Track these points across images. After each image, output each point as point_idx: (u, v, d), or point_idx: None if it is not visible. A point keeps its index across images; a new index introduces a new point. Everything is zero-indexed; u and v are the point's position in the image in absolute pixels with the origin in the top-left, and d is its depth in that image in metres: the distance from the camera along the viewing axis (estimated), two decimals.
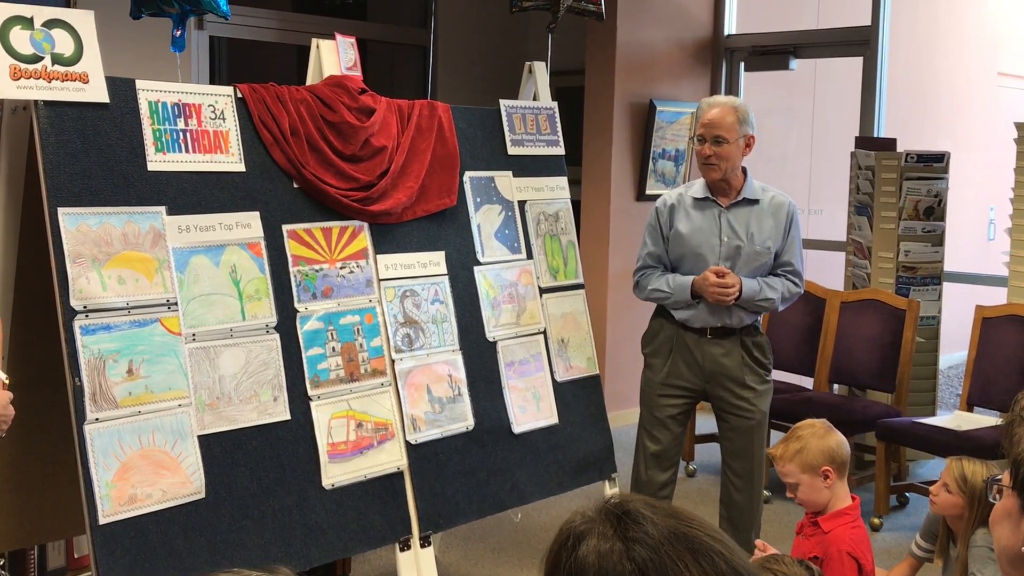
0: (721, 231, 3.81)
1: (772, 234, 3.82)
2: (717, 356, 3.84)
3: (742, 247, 3.79)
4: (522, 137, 3.90)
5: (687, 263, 3.85)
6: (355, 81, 3.39)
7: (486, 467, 3.57)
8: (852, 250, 5.89)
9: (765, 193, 3.87)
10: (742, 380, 3.86)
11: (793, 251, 3.88)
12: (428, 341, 3.48)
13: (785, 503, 5.14)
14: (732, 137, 3.74)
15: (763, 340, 3.93)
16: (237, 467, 2.94)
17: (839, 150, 6.54)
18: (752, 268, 3.81)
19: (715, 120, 3.75)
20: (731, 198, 3.84)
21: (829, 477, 3.01)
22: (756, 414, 3.88)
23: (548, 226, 3.96)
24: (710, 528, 1.08)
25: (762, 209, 3.83)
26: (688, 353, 3.87)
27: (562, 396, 3.86)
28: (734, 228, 3.81)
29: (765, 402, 3.92)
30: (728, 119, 3.75)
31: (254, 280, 3.06)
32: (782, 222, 3.84)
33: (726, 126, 3.74)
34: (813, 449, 3.03)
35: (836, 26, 6.73)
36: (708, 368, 3.86)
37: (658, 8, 6.69)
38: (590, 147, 6.62)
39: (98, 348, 2.70)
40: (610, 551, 1.04)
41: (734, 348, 3.85)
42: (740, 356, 3.86)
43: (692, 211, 3.85)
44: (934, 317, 5.62)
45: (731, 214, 3.82)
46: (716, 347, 3.84)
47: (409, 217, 3.48)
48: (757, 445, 3.92)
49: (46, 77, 2.70)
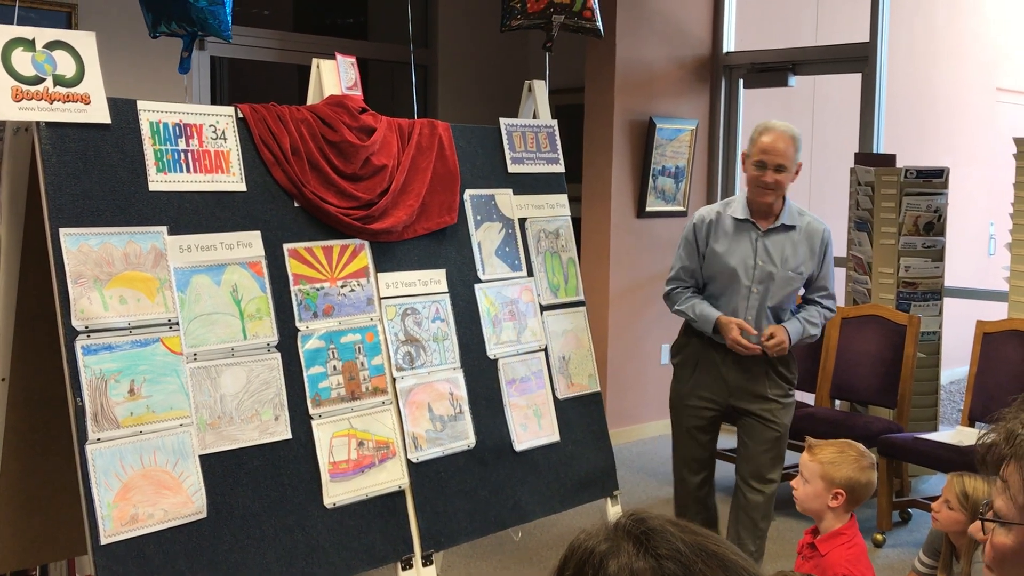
0: (756, 255, 3.92)
1: (805, 259, 3.94)
2: (741, 371, 3.97)
3: (775, 273, 3.91)
4: (522, 155, 3.91)
5: (719, 282, 3.98)
6: (355, 100, 3.40)
7: (488, 485, 3.56)
8: (852, 266, 5.89)
9: (802, 218, 3.98)
10: (765, 395, 3.99)
11: (828, 276, 4.02)
12: (429, 359, 3.48)
13: (788, 520, 5.13)
14: (791, 166, 3.89)
15: (789, 357, 4.03)
16: (239, 487, 2.94)
17: (838, 166, 6.55)
18: (784, 293, 3.95)
19: (779, 149, 3.87)
20: (770, 222, 3.95)
21: (838, 500, 3.00)
22: (780, 427, 4.01)
23: (549, 243, 3.97)
24: (731, 546, 1.07)
25: (798, 235, 3.95)
26: (714, 368, 4.01)
27: (563, 413, 3.86)
28: (769, 253, 3.92)
29: (787, 415, 4.05)
30: (790, 150, 3.89)
31: (255, 299, 3.07)
32: (816, 248, 3.96)
33: (788, 156, 3.88)
34: (845, 471, 3.01)
35: (835, 43, 6.75)
36: (732, 383, 4.00)
37: (657, 26, 6.71)
38: (590, 165, 6.63)
39: (100, 368, 2.70)
40: (643, 569, 1.02)
41: (758, 365, 3.97)
42: (765, 371, 3.98)
43: (730, 231, 3.97)
44: (935, 332, 5.62)
45: (768, 239, 3.94)
46: (740, 363, 3.97)
47: (410, 235, 3.49)
48: (775, 457, 4.03)
49: (48, 98, 2.71)
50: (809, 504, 3.05)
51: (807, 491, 3.04)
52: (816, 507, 3.04)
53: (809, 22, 7.88)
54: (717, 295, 4.00)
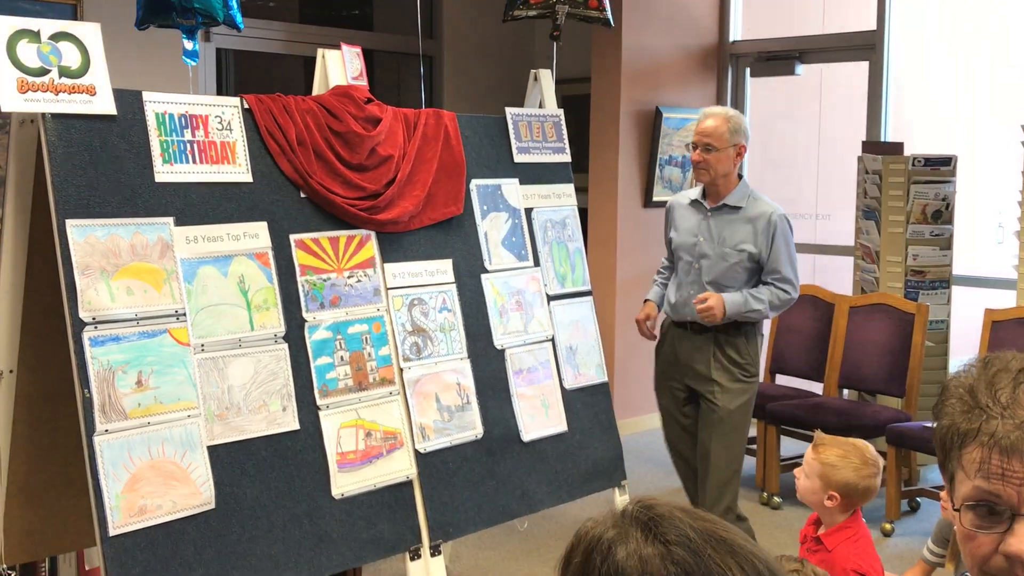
0: (699, 232, 4.17)
1: (746, 239, 4.08)
2: (691, 350, 4.18)
3: (711, 250, 4.13)
4: (528, 145, 3.91)
5: (677, 259, 4.29)
6: (361, 91, 3.40)
7: (495, 475, 3.56)
8: (860, 254, 5.88)
9: (754, 202, 4.13)
10: (708, 375, 4.13)
11: (780, 259, 4.09)
12: (436, 349, 3.48)
13: (795, 509, 5.13)
14: (721, 145, 4.05)
15: (740, 341, 4.14)
16: (246, 477, 2.94)
17: (846, 155, 6.53)
18: (721, 270, 4.11)
19: (707, 129, 4.08)
20: (716, 203, 4.16)
21: (833, 501, 2.98)
22: (719, 409, 4.11)
23: (555, 233, 3.96)
24: (740, 533, 1.06)
25: (741, 216, 4.11)
26: (672, 345, 4.26)
27: (571, 404, 3.86)
28: (711, 230, 4.14)
29: (733, 400, 4.13)
30: (720, 129, 4.06)
31: (262, 290, 3.07)
32: (761, 228, 4.07)
33: (715, 135, 4.06)
34: (843, 475, 2.97)
35: (842, 31, 6.72)
36: (683, 361, 4.21)
37: (663, 15, 6.69)
38: (597, 154, 6.62)
39: (107, 359, 2.70)
40: (652, 555, 1.01)
41: (706, 344, 4.14)
42: (711, 352, 4.13)
43: (685, 211, 4.26)
44: (943, 321, 5.61)
45: (712, 218, 4.15)
46: (691, 340, 4.18)
47: (416, 226, 3.48)
48: (715, 441, 4.12)
49: (53, 90, 2.71)
50: (807, 497, 3.05)
51: (806, 485, 3.04)
52: (813, 501, 3.04)
53: (816, 10, 7.85)
54: (676, 272, 4.31)
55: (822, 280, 6.23)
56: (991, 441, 1.23)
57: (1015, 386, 1.25)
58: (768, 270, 4.10)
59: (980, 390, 1.27)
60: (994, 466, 1.23)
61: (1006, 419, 1.23)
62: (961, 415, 1.28)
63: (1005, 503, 1.23)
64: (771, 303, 4.09)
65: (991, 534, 1.25)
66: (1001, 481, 1.22)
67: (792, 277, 4.13)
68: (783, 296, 4.12)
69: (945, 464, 1.32)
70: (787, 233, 4.12)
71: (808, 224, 7.65)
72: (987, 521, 1.25)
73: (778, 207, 4.13)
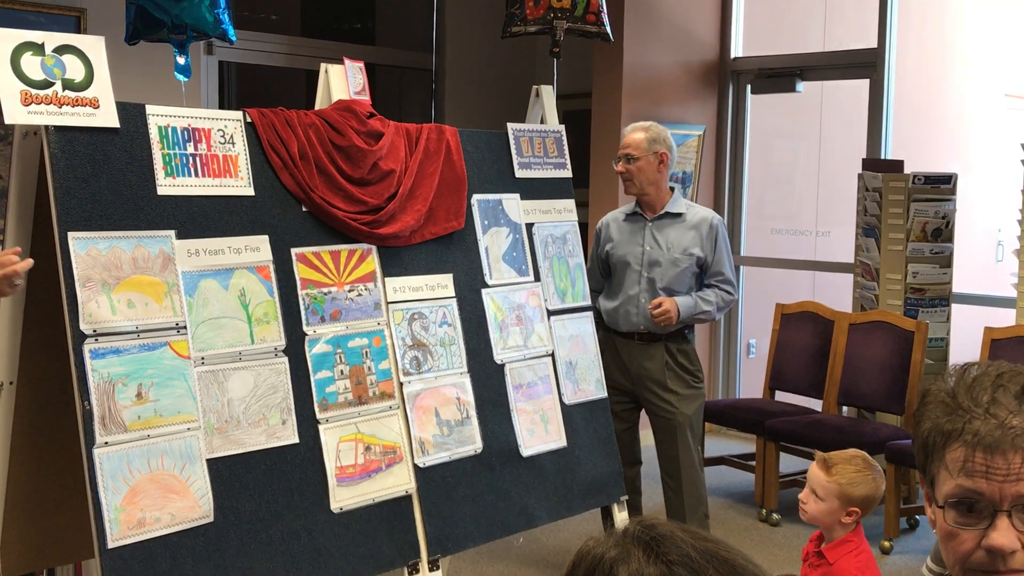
0: (644, 241, 4.28)
1: (693, 244, 4.23)
2: (642, 360, 4.28)
3: (662, 257, 4.24)
4: (529, 160, 3.91)
5: (617, 273, 4.33)
6: (363, 105, 3.41)
7: (495, 490, 3.56)
8: (860, 272, 5.88)
9: (690, 209, 4.32)
10: (664, 384, 4.26)
11: (722, 262, 4.28)
12: (436, 364, 3.48)
13: (794, 526, 5.12)
14: (640, 154, 4.21)
15: (689, 348, 4.32)
16: (246, 491, 2.94)
17: (846, 172, 6.54)
18: (673, 275, 4.23)
19: (626, 141, 4.27)
20: (656, 212, 4.29)
21: (852, 516, 2.99)
22: (678, 416, 4.24)
23: (556, 248, 3.97)
24: (741, 553, 1.06)
25: (684, 222, 4.27)
26: (617, 355, 4.32)
27: (570, 419, 3.85)
28: (656, 239, 4.27)
29: (690, 406, 4.27)
30: (637, 138, 4.24)
31: (263, 303, 3.07)
32: (704, 233, 4.25)
33: (634, 144, 4.23)
34: (864, 490, 2.99)
35: (843, 48, 6.74)
36: (634, 372, 4.30)
37: (664, 31, 6.71)
38: (597, 170, 6.63)
39: (107, 372, 2.71)
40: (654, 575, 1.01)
41: (658, 353, 4.27)
42: (664, 361, 4.26)
43: (622, 225, 4.37)
44: (943, 339, 5.61)
45: (654, 226, 4.29)
46: (641, 352, 4.28)
47: (417, 240, 3.49)
48: (682, 447, 4.24)
49: (57, 102, 2.72)
50: (821, 519, 3.03)
51: (820, 508, 3.02)
52: (828, 522, 3.03)
53: (817, 28, 7.87)
54: (614, 283, 4.34)
55: (822, 297, 6.23)
56: (974, 440, 1.30)
57: (995, 389, 1.33)
58: (711, 273, 4.28)
59: (961, 394, 1.34)
60: (977, 464, 1.29)
61: (988, 419, 1.30)
62: (943, 417, 1.34)
63: (987, 500, 1.29)
64: (718, 305, 4.27)
65: (973, 530, 1.31)
66: (984, 478, 1.29)
67: (732, 279, 4.33)
68: (727, 297, 4.30)
69: (926, 466, 1.39)
70: (726, 236, 4.33)
71: (808, 241, 7.66)
72: (969, 518, 1.31)
73: (715, 213, 4.36)
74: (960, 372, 1.38)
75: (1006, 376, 1.34)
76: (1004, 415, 1.30)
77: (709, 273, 4.29)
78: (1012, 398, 1.31)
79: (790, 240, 7.63)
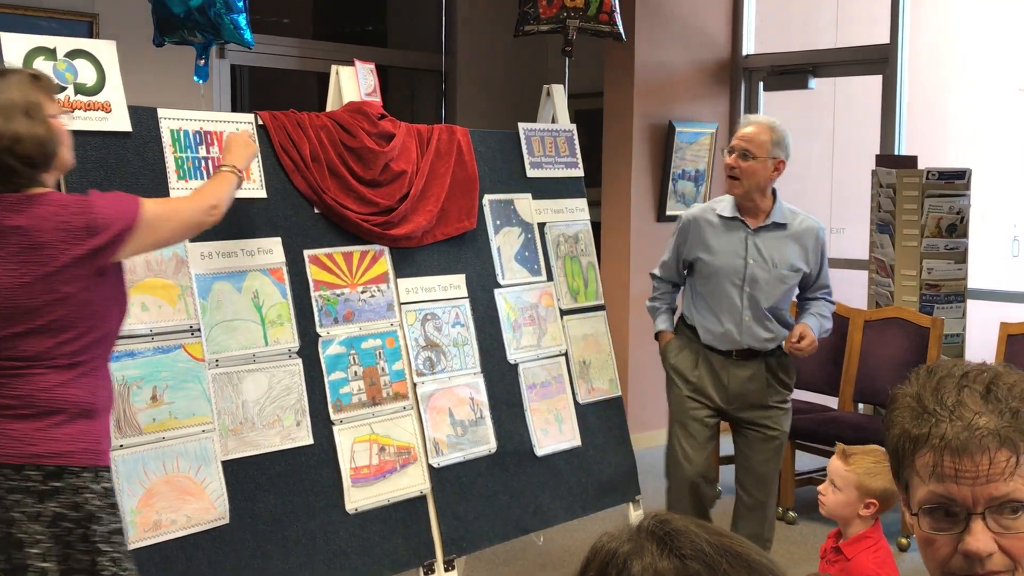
0: (747, 254, 3.78)
1: (799, 258, 3.81)
2: (742, 379, 3.85)
3: (766, 273, 3.77)
4: (541, 160, 3.91)
5: (711, 284, 3.82)
6: (375, 107, 3.41)
7: (509, 490, 3.56)
8: (875, 268, 5.86)
9: (794, 216, 3.84)
10: (765, 402, 3.87)
11: (825, 274, 3.93)
12: (449, 364, 3.48)
13: (811, 524, 5.10)
14: (761, 155, 3.71)
15: (787, 360, 3.92)
16: (261, 492, 2.95)
17: (860, 168, 6.52)
18: (778, 293, 3.80)
19: (748, 135, 3.74)
20: (759, 220, 3.80)
21: (870, 509, 2.98)
22: (780, 435, 3.90)
23: (568, 248, 3.97)
24: (755, 547, 1.05)
25: (789, 234, 3.81)
26: (713, 373, 3.87)
27: (584, 418, 3.85)
28: (761, 252, 3.78)
29: (787, 422, 3.94)
30: (761, 137, 3.72)
31: (276, 305, 3.08)
32: (810, 246, 3.83)
33: (757, 143, 3.71)
34: (882, 482, 2.97)
35: (855, 44, 6.72)
36: (733, 390, 3.85)
37: (676, 29, 6.70)
38: (609, 169, 6.63)
39: (122, 375, 2.72)
40: (667, 569, 1.01)
41: (759, 370, 3.85)
42: (765, 378, 3.86)
43: (717, 230, 3.82)
44: (958, 335, 5.58)
45: (759, 237, 3.78)
46: (742, 369, 3.84)
47: (429, 241, 3.49)
48: (773, 465, 3.92)
49: (69, 107, 2.73)
50: (838, 511, 3.02)
51: (838, 499, 3.01)
52: (845, 514, 3.01)
53: (829, 24, 7.85)
54: (707, 295, 3.84)
55: (837, 294, 6.18)
56: (941, 444, 1.27)
57: (959, 390, 1.30)
58: (818, 286, 3.92)
59: (927, 396, 1.32)
60: (946, 468, 1.27)
61: (954, 421, 1.27)
62: (911, 421, 1.32)
63: (960, 504, 1.27)
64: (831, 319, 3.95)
65: (949, 535, 1.29)
66: (954, 482, 1.27)
67: (832, 289, 4.01)
68: (832, 308, 3.98)
69: (900, 472, 1.37)
70: (827, 246, 3.98)
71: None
72: (944, 523, 1.29)
73: (819, 221, 3.94)
74: (926, 373, 1.35)
75: (971, 375, 1.31)
76: (970, 416, 1.27)
77: (815, 286, 3.91)
78: (978, 397, 1.29)
79: None
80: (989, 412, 1.27)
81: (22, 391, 2.34)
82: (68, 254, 2.34)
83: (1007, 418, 1.27)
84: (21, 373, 2.34)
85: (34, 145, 2.34)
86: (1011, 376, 1.32)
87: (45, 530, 2.33)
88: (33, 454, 2.33)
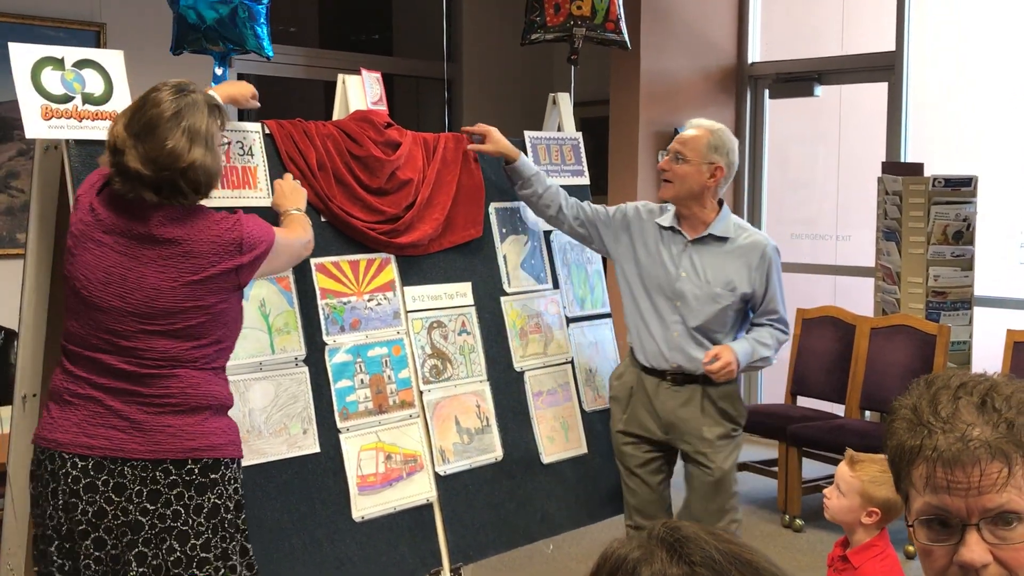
0: (679, 267, 3.52)
1: (737, 277, 3.48)
2: (674, 406, 3.55)
3: (696, 289, 3.49)
4: (547, 168, 3.92)
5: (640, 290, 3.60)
6: (381, 115, 3.42)
7: (515, 498, 3.56)
8: (881, 276, 5.86)
9: (741, 231, 3.54)
10: (699, 433, 3.53)
11: (777, 298, 3.54)
12: (456, 372, 3.49)
13: (818, 532, 5.10)
14: (694, 159, 3.48)
15: (732, 390, 3.57)
16: (267, 500, 2.95)
17: (866, 176, 6.52)
18: (710, 313, 3.48)
19: (685, 138, 3.54)
20: (698, 231, 3.53)
21: (871, 518, 2.97)
22: (715, 471, 3.53)
23: (574, 255, 3.97)
24: (764, 555, 1.06)
25: (731, 249, 3.51)
26: (647, 400, 3.60)
27: (591, 426, 3.85)
28: (694, 266, 3.51)
29: (728, 459, 3.56)
30: (699, 140, 3.51)
31: (283, 314, 3.08)
32: (755, 264, 3.49)
33: (693, 146, 3.50)
34: (885, 492, 2.95)
35: (860, 52, 6.73)
36: (665, 418, 3.57)
37: (682, 37, 6.71)
38: (615, 176, 6.64)
39: None
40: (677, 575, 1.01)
41: (693, 397, 3.53)
42: (700, 406, 3.53)
43: (654, 231, 3.59)
44: (965, 342, 5.58)
45: (695, 250, 3.52)
46: (673, 395, 3.55)
47: (435, 249, 3.50)
48: (715, 507, 3.56)
49: (77, 117, 2.74)
50: (841, 516, 3.02)
51: (841, 504, 3.00)
52: (848, 520, 3.01)
53: (834, 31, 7.85)
54: (641, 306, 3.59)
55: (843, 301, 6.20)
56: (935, 455, 1.28)
57: (954, 401, 1.31)
58: (764, 311, 3.54)
59: (923, 408, 1.32)
60: (939, 479, 1.28)
61: (947, 433, 1.28)
62: (906, 433, 1.33)
63: (954, 515, 1.28)
64: (775, 348, 3.57)
65: (945, 546, 1.30)
66: (948, 493, 1.28)
67: (787, 318, 3.60)
68: (781, 338, 3.58)
69: (899, 484, 1.38)
70: (780, 268, 3.56)
71: (828, 245, 7.63)
72: (940, 534, 1.30)
73: (769, 238, 3.58)
74: (924, 385, 1.36)
75: (968, 386, 1.32)
76: (963, 428, 1.28)
77: (761, 311, 3.54)
78: (974, 408, 1.29)
79: (810, 245, 7.60)
80: (983, 423, 1.28)
81: (172, 388, 2.52)
82: (217, 266, 2.53)
83: (1001, 429, 1.28)
84: (167, 372, 2.52)
85: (205, 174, 2.52)
86: (1009, 387, 1.32)
87: (205, 522, 2.54)
88: (192, 448, 2.53)
